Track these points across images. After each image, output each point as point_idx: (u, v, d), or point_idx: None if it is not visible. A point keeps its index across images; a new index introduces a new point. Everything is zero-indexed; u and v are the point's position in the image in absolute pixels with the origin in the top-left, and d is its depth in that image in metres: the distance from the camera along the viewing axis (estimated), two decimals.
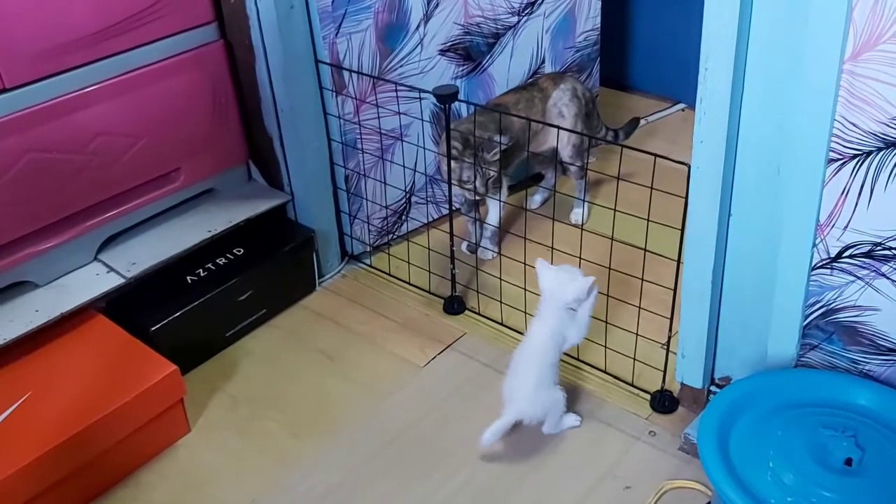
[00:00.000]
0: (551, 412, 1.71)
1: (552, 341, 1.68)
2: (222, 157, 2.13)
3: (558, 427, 1.74)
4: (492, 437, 1.66)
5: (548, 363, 1.68)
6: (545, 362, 1.68)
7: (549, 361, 1.68)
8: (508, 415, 1.67)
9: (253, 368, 2.01)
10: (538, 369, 1.68)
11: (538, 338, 1.69)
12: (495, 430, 1.66)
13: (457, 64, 2.25)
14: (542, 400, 1.69)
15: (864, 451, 1.32)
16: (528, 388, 1.68)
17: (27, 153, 1.75)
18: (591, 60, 2.57)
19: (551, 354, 1.69)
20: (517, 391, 1.69)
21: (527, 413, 1.68)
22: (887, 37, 1.23)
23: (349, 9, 2.00)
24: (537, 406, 1.69)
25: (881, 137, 1.30)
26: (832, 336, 1.51)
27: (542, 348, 1.68)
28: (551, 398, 1.70)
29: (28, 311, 1.82)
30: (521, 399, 1.68)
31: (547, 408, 1.70)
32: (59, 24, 1.73)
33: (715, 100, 1.40)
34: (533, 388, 1.68)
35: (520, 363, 1.70)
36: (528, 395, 1.68)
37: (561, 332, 1.69)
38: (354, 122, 2.12)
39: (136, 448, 1.74)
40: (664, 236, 1.68)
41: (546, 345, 1.68)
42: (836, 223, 1.41)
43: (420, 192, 2.33)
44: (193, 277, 2.03)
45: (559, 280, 1.67)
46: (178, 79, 1.95)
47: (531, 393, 1.68)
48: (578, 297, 1.65)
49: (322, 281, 2.26)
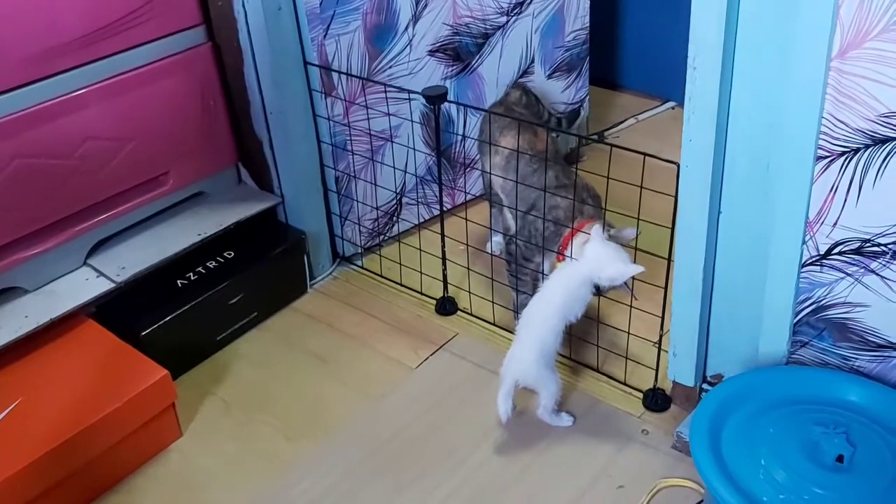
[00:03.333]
0: (544, 388, 1.69)
1: (563, 307, 1.66)
2: (212, 160, 2.13)
3: (551, 417, 1.73)
4: (504, 408, 1.68)
5: (548, 326, 1.66)
6: (546, 325, 1.66)
7: (550, 325, 1.66)
8: (505, 379, 1.68)
9: (245, 372, 2.00)
10: (540, 330, 1.66)
11: (550, 298, 1.66)
12: (501, 401, 1.67)
13: (446, 64, 2.25)
14: (538, 364, 1.67)
15: (855, 447, 1.32)
16: (524, 348, 1.67)
17: (15, 159, 1.74)
18: (580, 59, 2.57)
19: (556, 321, 1.66)
20: (514, 350, 1.69)
21: (519, 372, 1.67)
22: (874, 34, 1.23)
23: (337, 10, 2.00)
24: (531, 367, 1.67)
25: (869, 134, 1.31)
26: (823, 333, 1.52)
27: (550, 310, 1.66)
28: (546, 369, 1.68)
29: (17, 316, 1.81)
30: (515, 358, 1.68)
31: (541, 375, 1.68)
32: (46, 27, 1.72)
33: (703, 98, 1.40)
34: (528, 348, 1.66)
35: (523, 324, 1.69)
36: (523, 355, 1.67)
37: (573, 303, 1.67)
38: (344, 124, 2.12)
39: (127, 453, 1.74)
40: (655, 235, 1.68)
41: (556, 307, 1.66)
42: (826, 220, 1.41)
43: (411, 194, 2.33)
44: (184, 281, 2.02)
45: (606, 254, 1.65)
46: (166, 82, 1.95)
47: (525, 352, 1.67)
48: (615, 279, 1.64)
49: (313, 283, 2.26)
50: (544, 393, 1.71)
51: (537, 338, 1.67)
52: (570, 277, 1.69)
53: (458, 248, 2.15)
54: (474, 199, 2.43)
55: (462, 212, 2.12)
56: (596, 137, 2.76)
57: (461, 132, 2.34)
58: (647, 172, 1.64)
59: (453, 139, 2.35)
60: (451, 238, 2.09)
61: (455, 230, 2.11)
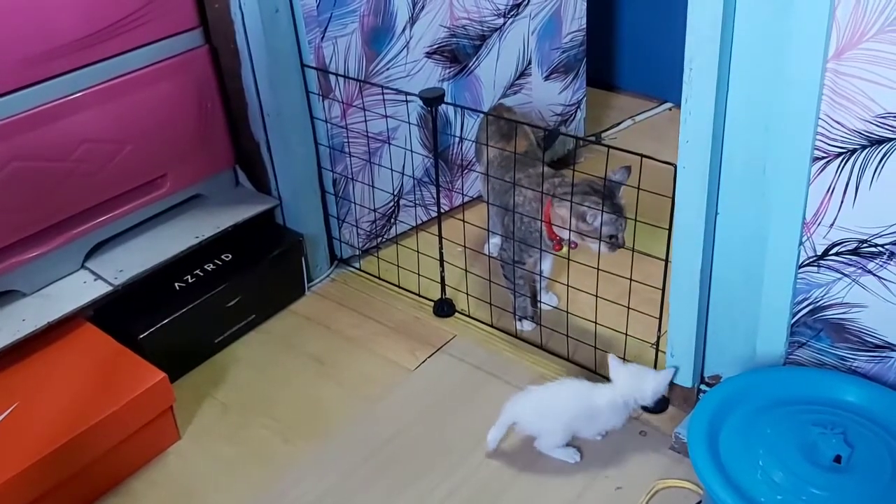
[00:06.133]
0: (544, 436, 1.68)
1: (602, 409, 1.65)
2: (209, 163, 2.12)
3: (552, 450, 1.70)
4: (493, 440, 1.67)
5: (577, 413, 1.65)
6: (577, 412, 1.65)
7: (578, 414, 1.65)
8: (503, 416, 1.67)
9: (243, 374, 2.00)
10: (573, 408, 1.65)
11: (598, 396, 1.65)
12: (494, 434, 1.67)
13: (443, 66, 2.25)
14: (544, 423, 1.66)
15: (853, 448, 1.32)
16: (535, 403, 1.66)
17: (12, 161, 1.74)
18: (577, 61, 2.58)
19: (583, 415, 1.66)
20: (533, 395, 1.67)
21: (520, 417, 1.67)
22: (870, 35, 1.23)
23: (334, 12, 2.00)
24: (534, 417, 1.66)
25: (865, 135, 1.31)
26: (820, 333, 1.52)
27: (590, 404, 1.65)
28: (551, 431, 1.67)
29: (15, 320, 1.81)
30: (520, 403, 1.67)
31: (542, 430, 1.68)
32: (43, 31, 1.72)
33: (700, 99, 1.40)
34: (547, 405, 1.66)
35: (557, 389, 1.67)
36: (532, 406, 1.66)
37: (611, 412, 1.66)
38: (341, 126, 2.12)
39: (125, 457, 1.74)
40: (652, 236, 1.69)
41: (597, 406, 1.65)
42: (823, 221, 1.41)
43: (408, 195, 2.33)
44: (181, 284, 2.02)
45: (635, 373, 1.65)
46: (163, 85, 1.94)
47: (535, 405, 1.66)
48: (658, 390, 1.64)
49: (311, 285, 2.26)
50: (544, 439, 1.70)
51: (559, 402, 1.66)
52: (614, 399, 1.66)
53: (456, 249, 2.15)
54: (472, 200, 2.43)
55: (460, 213, 2.12)
56: (593, 139, 2.76)
57: (458, 134, 2.34)
58: (644, 174, 1.65)
59: (450, 141, 2.35)
60: (449, 240, 2.09)
61: (453, 232, 2.11)
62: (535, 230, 1.86)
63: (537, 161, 1.94)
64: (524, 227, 1.89)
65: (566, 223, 1.76)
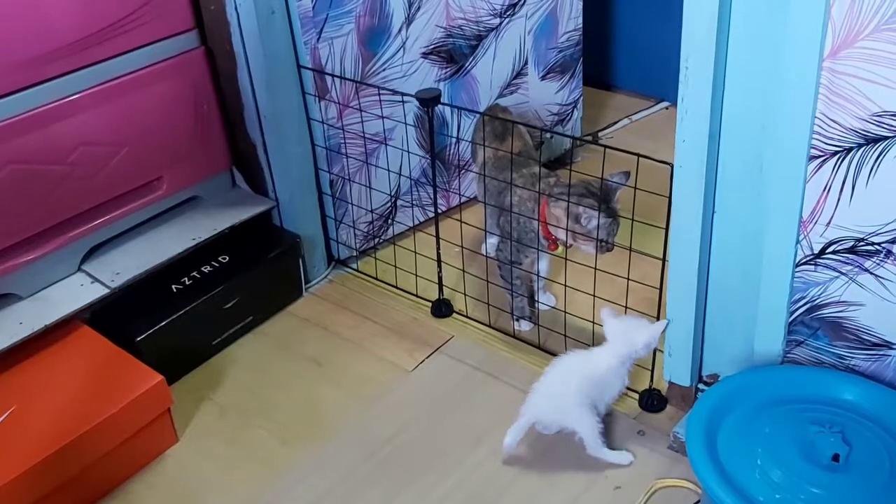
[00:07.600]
0: (583, 431, 1.65)
1: (604, 375, 1.65)
2: (205, 165, 2.12)
3: (600, 451, 1.66)
4: (511, 442, 1.65)
5: (584, 385, 1.63)
6: (583, 383, 1.63)
7: (585, 385, 1.63)
8: (524, 416, 1.65)
9: (241, 376, 2.00)
10: (577, 382, 1.63)
11: (596, 362, 1.65)
12: (513, 433, 1.65)
13: (440, 67, 2.25)
14: (563, 407, 1.64)
15: (851, 446, 1.33)
16: (551, 391, 1.64)
17: (7, 165, 1.73)
18: (574, 60, 2.57)
19: (590, 384, 1.64)
20: (539, 390, 1.66)
21: (540, 413, 1.65)
22: (865, 34, 1.23)
23: (330, 13, 2.00)
24: (553, 410, 1.65)
25: (861, 134, 1.31)
26: (818, 332, 1.52)
27: (591, 372, 1.64)
28: (577, 412, 1.64)
29: (12, 323, 1.81)
30: (540, 396, 1.65)
31: (567, 417, 1.65)
32: (38, 33, 1.71)
33: (696, 99, 1.40)
34: (557, 392, 1.64)
35: (555, 373, 1.66)
36: (549, 398, 1.64)
37: (613, 376, 1.65)
38: (338, 127, 2.12)
39: (123, 460, 1.73)
40: (649, 235, 1.69)
41: (598, 372, 1.64)
42: (819, 219, 1.41)
43: (405, 196, 2.33)
44: (179, 286, 2.02)
45: (629, 327, 1.65)
46: (159, 87, 1.94)
47: (551, 396, 1.64)
48: (650, 342, 1.64)
49: (309, 287, 2.26)
50: (586, 436, 1.66)
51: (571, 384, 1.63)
52: (613, 356, 1.65)
53: (454, 250, 2.15)
54: (469, 201, 2.43)
55: (457, 214, 2.12)
56: (590, 138, 2.76)
57: (455, 134, 2.34)
58: (640, 173, 1.64)
59: (447, 141, 2.35)
60: (446, 240, 2.09)
61: (450, 232, 2.11)
62: (531, 230, 1.86)
63: (532, 161, 1.94)
64: (520, 227, 1.89)
65: (561, 223, 1.77)
